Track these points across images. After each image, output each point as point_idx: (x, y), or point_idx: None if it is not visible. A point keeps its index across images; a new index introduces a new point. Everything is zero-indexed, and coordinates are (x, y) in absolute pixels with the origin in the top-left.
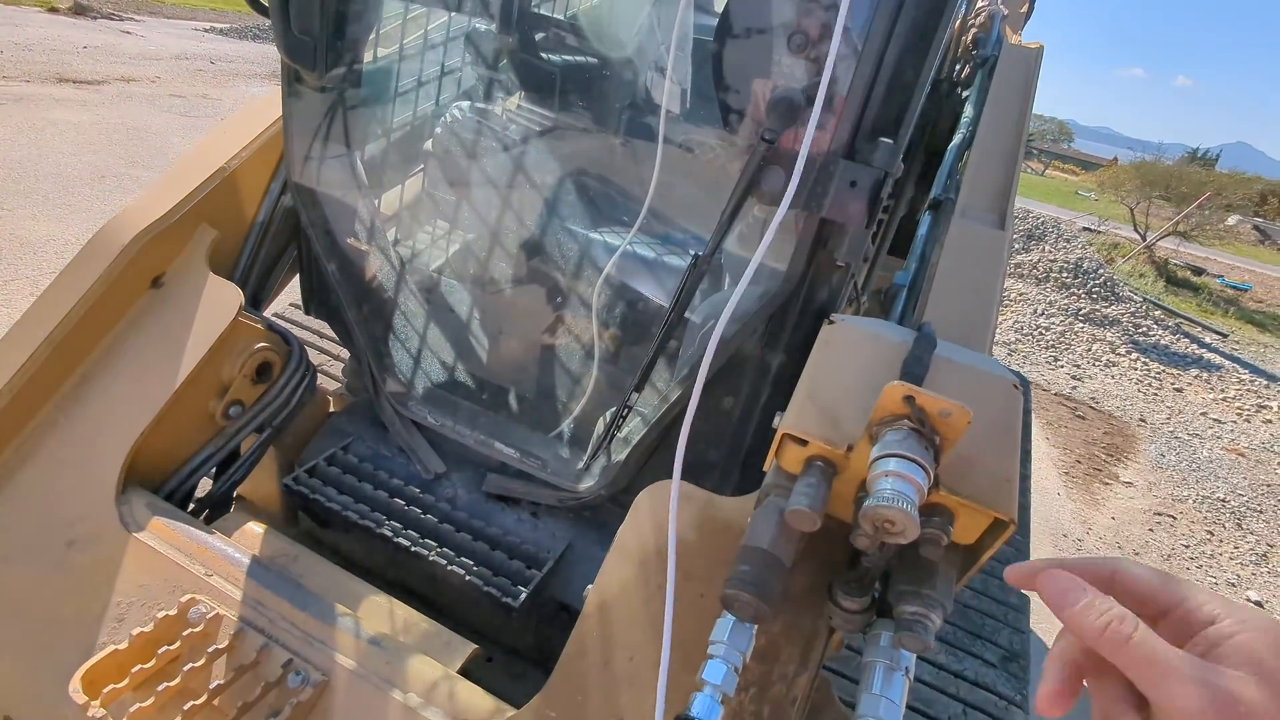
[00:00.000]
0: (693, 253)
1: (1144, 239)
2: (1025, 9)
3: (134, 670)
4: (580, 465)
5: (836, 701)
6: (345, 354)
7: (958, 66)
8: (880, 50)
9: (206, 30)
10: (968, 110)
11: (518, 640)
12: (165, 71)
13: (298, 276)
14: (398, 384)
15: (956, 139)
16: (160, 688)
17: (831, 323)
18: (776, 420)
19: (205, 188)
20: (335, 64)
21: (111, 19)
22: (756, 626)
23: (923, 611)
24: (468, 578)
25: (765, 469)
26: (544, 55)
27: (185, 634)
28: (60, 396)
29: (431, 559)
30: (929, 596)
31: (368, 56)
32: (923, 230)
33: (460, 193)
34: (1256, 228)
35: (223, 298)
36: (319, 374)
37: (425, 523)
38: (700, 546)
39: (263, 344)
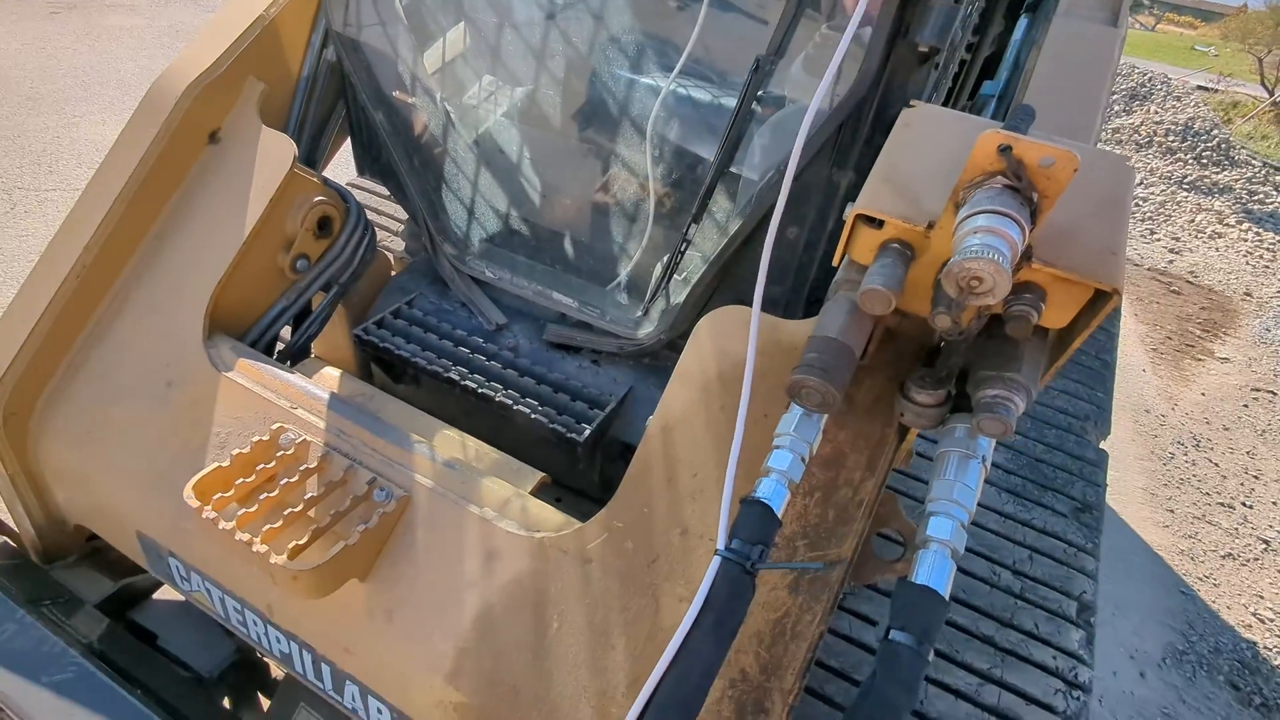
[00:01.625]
0: (756, 57)
1: (1271, 94)
2: None
3: (238, 483)
4: (639, 311)
5: (902, 514)
6: (403, 217)
7: None
8: None
9: None
10: None
11: (584, 481)
12: None
13: (349, 142)
14: (454, 242)
15: None
16: (262, 497)
17: (912, 106)
18: (848, 211)
19: (247, 38)
20: None
21: None
22: (825, 421)
23: (1005, 394)
24: (534, 416)
25: (836, 264)
26: None
27: (279, 455)
28: (140, 252)
29: (499, 399)
30: (1013, 380)
31: None
32: (1018, 35)
33: (505, 37)
34: None
35: (277, 149)
36: (379, 240)
37: (491, 368)
38: (763, 369)
39: (320, 198)
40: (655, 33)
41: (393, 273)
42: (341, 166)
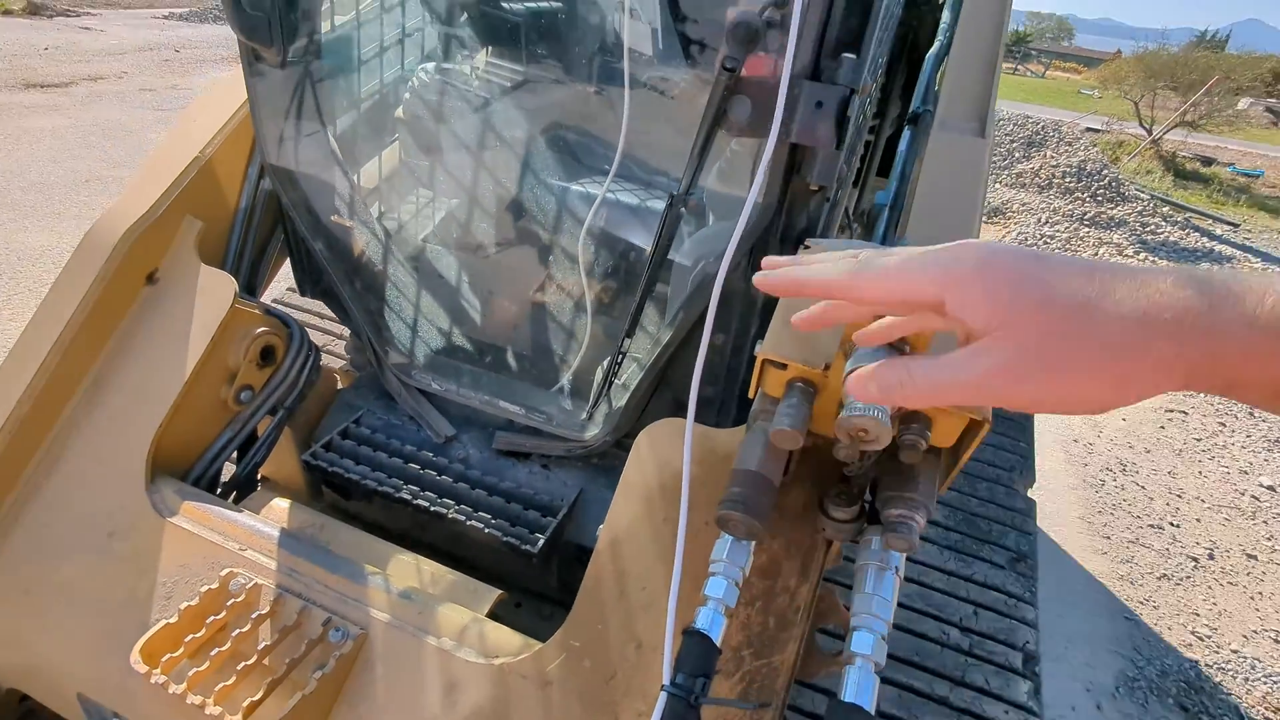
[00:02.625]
0: (670, 193)
1: (1150, 134)
2: None
3: (187, 639)
4: (584, 415)
5: (840, 607)
6: (346, 331)
7: None
8: None
9: (166, 17)
10: (945, 17)
11: (542, 585)
12: (131, 65)
13: (289, 260)
14: (399, 355)
15: (934, 48)
16: (213, 653)
17: (807, 248)
18: (757, 348)
19: (184, 178)
20: (292, 38)
21: (68, 15)
22: (754, 544)
23: (907, 514)
24: (487, 530)
25: (751, 396)
26: (505, 5)
27: (229, 604)
28: (77, 399)
29: (451, 516)
30: (912, 499)
31: (325, 26)
32: (903, 146)
33: (436, 157)
34: (1269, 109)
35: (217, 287)
36: (324, 354)
37: (442, 483)
38: (701, 478)
39: (263, 328)
40: (584, 129)
41: (339, 387)
42: (283, 276)
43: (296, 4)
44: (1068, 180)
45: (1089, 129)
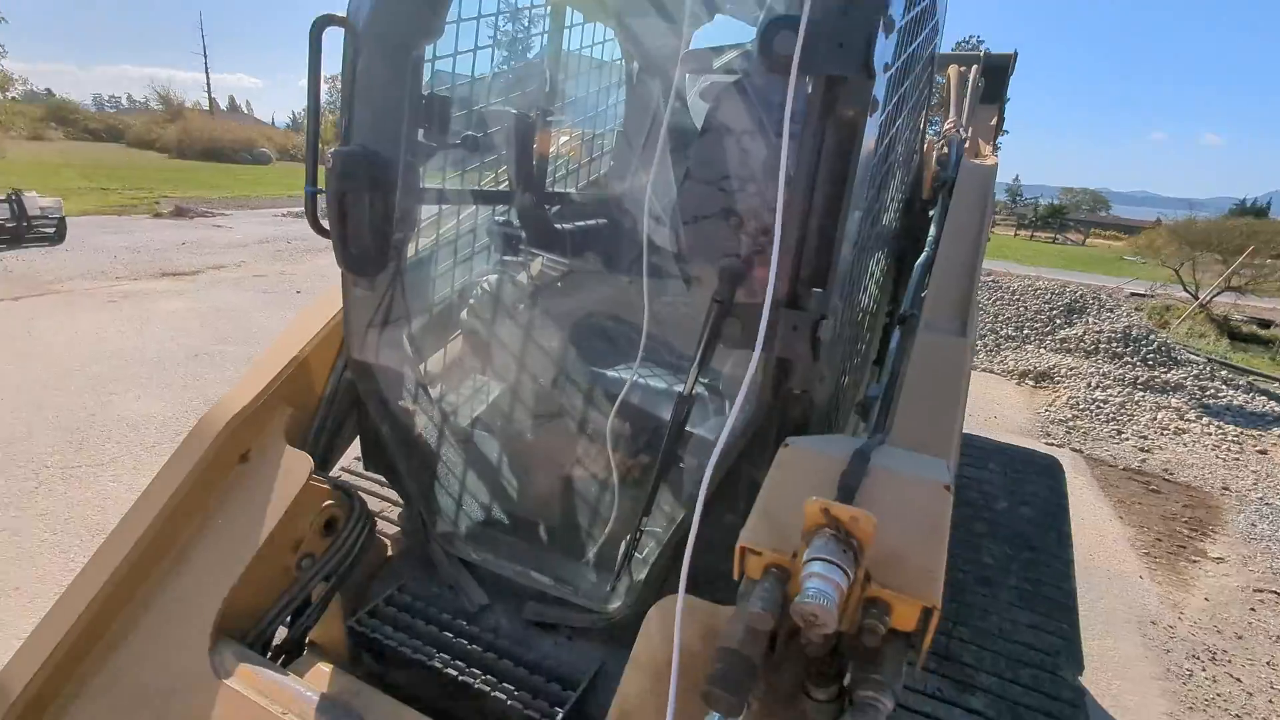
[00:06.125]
0: (678, 391)
1: (1196, 298)
2: (995, 121)
3: None
4: (607, 587)
5: None
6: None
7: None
8: (801, 225)
9: (284, 215)
10: (932, 230)
11: None
12: (249, 256)
13: (359, 438)
14: (445, 525)
15: (922, 257)
16: None
17: (787, 446)
18: (740, 539)
19: (284, 374)
20: (383, 267)
21: (205, 216)
22: (746, 714)
23: (873, 695)
24: (509, 702)
25: (736, 579)
26: (557, 225)
27: None
28: (169, 561)
29: (477, 687)
30: (878, 681)
31: (409, 252)
32: (893, 345)
33: (491, 352)
34: None
35: (296, 466)
36: (380, 520)
37: (471, 652)
38: (706, 655)
39: (329, 502)
40: (619, 317)
41: (388, 554)
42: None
43: (388, 245)
44: (1114, 345)
45: (1133, 294)
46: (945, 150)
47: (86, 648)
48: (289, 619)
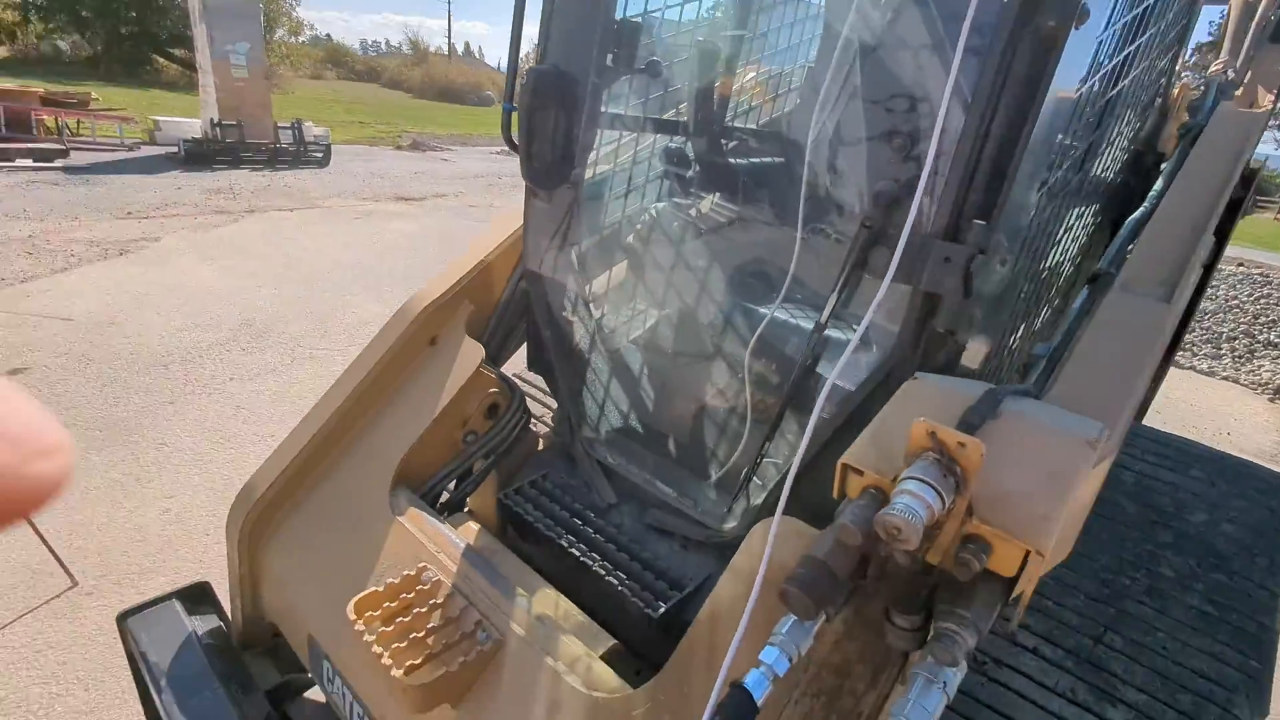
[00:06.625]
0: (815, 320)
1: None
2: None
3: (384, 606)
4: (725, 508)
5: None
6: (554, 405)
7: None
8: (972, 151)
9: (498, 153)
10: (1158, 183)
11: (655, 655)
12: (466, 188)
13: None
14: (588, 429)
15: (1137, 213)
16: (397, 620)
17: (915, 378)
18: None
19: (470, 275)
20: (562, 183)
21: (435, 150)
22: (817, 629)
23: (954, 628)
24: (620, 587)
25: (835, 499)
26: (731, 160)
27: (417, 589)
28: (366, 422)
29: (595, 569)
30: (963, 616)
31: (588, 174)
32: (1075, 304)
33: (649, 278)
34: None
35: (470, 354)
36: (535, 420)
37: (595, 540)
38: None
39: (494, 390)
40: (768, 261)
41: (539, 448)
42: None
43: (569, 161)
44: None
45: None
46: (1199, 94)
47: (304, 475)
48: (453, 484)
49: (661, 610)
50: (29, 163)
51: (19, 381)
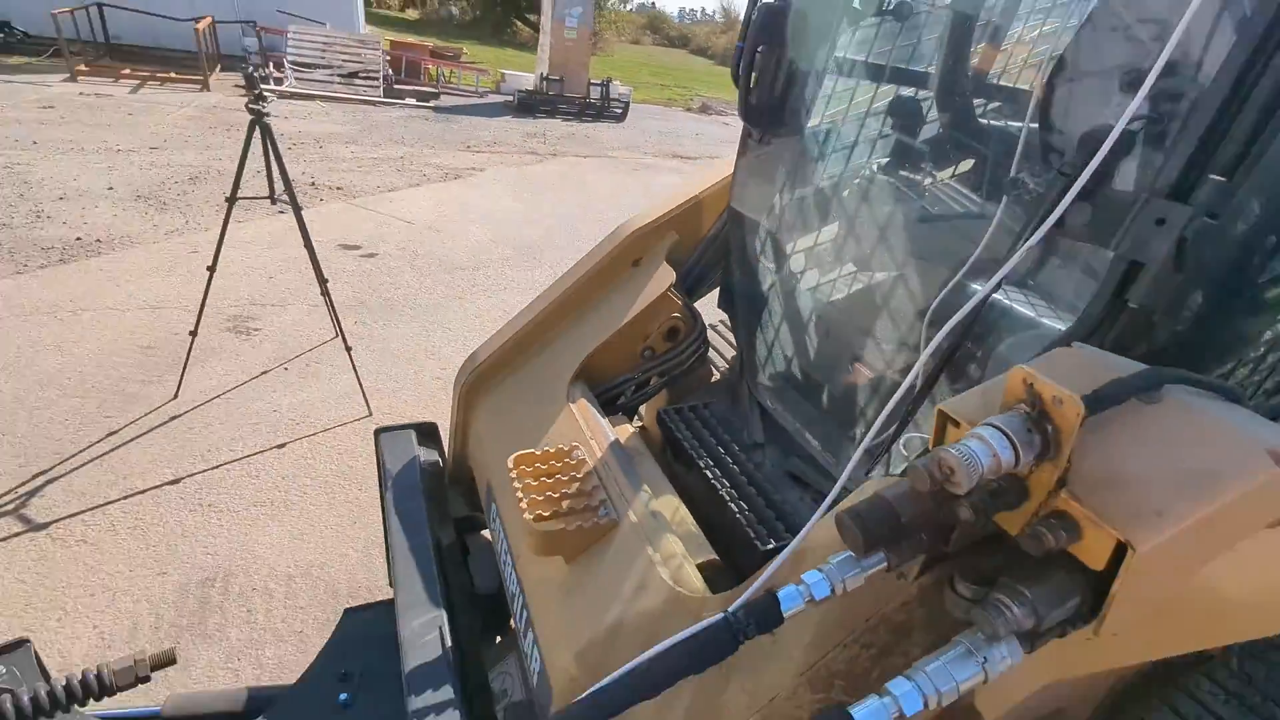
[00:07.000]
0: (982, 282)
1: None
2: None
3: (535, 465)
4: (865, 471)
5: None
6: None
7: None
8: (1225, 94)
9: None
10: None
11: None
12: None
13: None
14: (758, 370)
15: None
16: (542, 479)
17: (1070, 346)
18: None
19: (680, 208)
20: (779, 125)
21: (720, 115)
22: (867, 572)
23: (1008, 601)
24: (738, 515)
25: (931, 448)
26: (969, 136)
27: (565, 461)
28: (569, 320)
29: (722, 494)
30: (1022, 593)
31: (810, 122)
32: None
33: (850, 235)
34: None
35: (662, 277)
36: (714, 351)
37: (732, 472)
38: None
39: (676, 314)
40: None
41: (713, 379)
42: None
43: (785, 106)
44: None
45: None
46: None
47: (514, 354)
48: (632, 390)
49: (771, 546)
50: (413, 101)
51: (370, 266)
